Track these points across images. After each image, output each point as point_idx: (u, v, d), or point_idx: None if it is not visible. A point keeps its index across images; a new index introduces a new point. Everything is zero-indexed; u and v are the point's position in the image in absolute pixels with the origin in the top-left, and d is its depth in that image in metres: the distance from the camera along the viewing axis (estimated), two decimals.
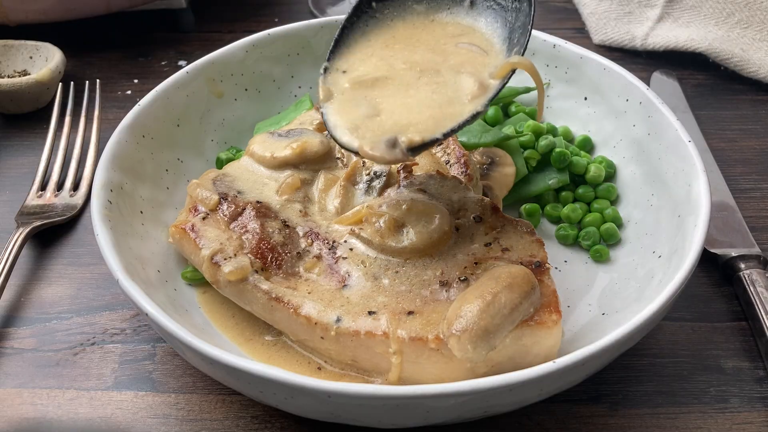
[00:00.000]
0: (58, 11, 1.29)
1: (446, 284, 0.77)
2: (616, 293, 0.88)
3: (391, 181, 0.89)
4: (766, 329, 0.85)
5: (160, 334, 0.78)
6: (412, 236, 0.81)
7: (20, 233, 0.96)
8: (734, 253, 0.94)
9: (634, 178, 0.99)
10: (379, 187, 0.88)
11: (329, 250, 0.82)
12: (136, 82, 1.31)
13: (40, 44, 1.26)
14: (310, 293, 0.78)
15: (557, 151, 0.98)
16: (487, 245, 0.81)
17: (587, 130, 1.06)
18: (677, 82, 1.27)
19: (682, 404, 0.81)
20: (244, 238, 0.83)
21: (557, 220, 0.99)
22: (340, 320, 0.75)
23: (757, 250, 0.94)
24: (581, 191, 1.00)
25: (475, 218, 0.83)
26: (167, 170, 0.99)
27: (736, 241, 0.96)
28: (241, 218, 0.85)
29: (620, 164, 1.01)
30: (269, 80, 1.12)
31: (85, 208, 1.06)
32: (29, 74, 1.22)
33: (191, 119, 1.04)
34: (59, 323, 0.91)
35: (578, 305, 0.88)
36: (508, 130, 1.02)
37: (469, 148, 0.97)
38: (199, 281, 0.89)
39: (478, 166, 0.96)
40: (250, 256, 0.81)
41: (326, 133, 0.96)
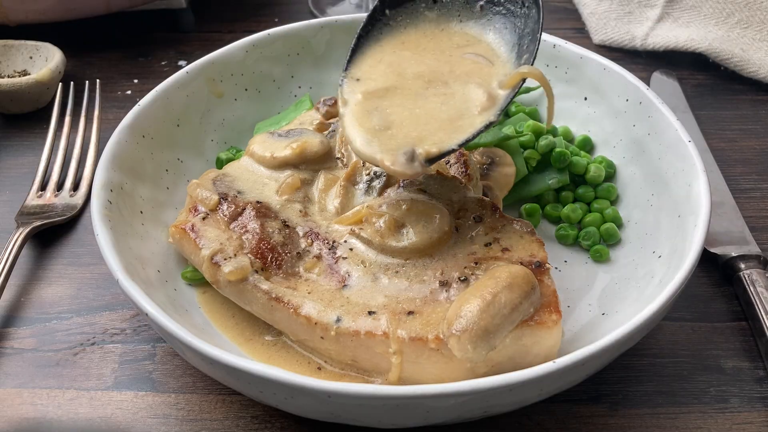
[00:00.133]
0: (58, 11, 1.29)
1: (446, 284, 0.77)
2: (616, 293, 0.88)
3: (391, 181, 0.88)
4: (766, 329, 0.85)
5: (160, 334, 0.78)
6: (412, 236, 0.81)
7: (20, 233, 0.96)
8: (734, 253, 0.94)
9: (634, 178, 0.99)
10: (379, 187, 0.88)
11: (329, 250, 0.82)
12: (136, 82, 1.31)
13: (40, 44, 1.26)
14: (310, 293, 0.78)
15: (557, 151, 0.98)
16: (487, 245, 0.81)
17: (587, 130, 1.06)
18: (677, 82, 1.27)
19: (682, 404, 0.81)
20: (244, 238, 0.83)
21: (557, 220, 0.99)
22: (340, 320, 0.75)
23: (757, 250, 0.94)
24: (581, 191, 1.00)
25: (475, 218, 0.83)
26: (167, 170, 0.99)
27: (736, 241, 0.96)
28: (241, 218, 0.85)
29: (620, 164, 1.01)
30: (269, 80, 1.12)
31: (85, 208, 1.06)
32: (29, 74, 1.22)
33: (191, 119, 1.04)
34: (59, 323, 0.91)
35: (578, 305, 0.88)
36: (508, 130, 1.02)
37: (469, 148, 0.97)
38: (199, 281, 0.89)
39: (478, 166, 0.96)
40: (250, 256, 0.81)
41: (326, 133, 0.97)
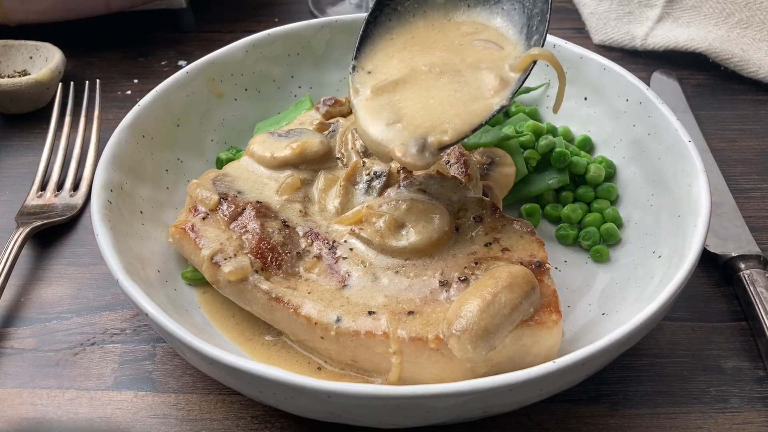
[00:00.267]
0: (58, 11, 1.29)
1: (446, 284, 0.77)
2: (616, 293, 0.88)
3: (391, 181, 0.88)
4: (766, 329, 0.85)
5: (160, 334, 0.78)
6: (412, 236, 0.81)
7: (20, 233, 0.96)
8: (734, 253, 0.94)
9: (634, 178, 0.99)
10: (379, 187, 0.88)
11: (329, 250, 0.82)
12: (136, 82, 1.31)
13: (40, 44, 1.26)
14: (310, 293, 0.78)
15: (557, 151, 0.98)
16: (487, 245, 0.81)
17: (587, 130, 1.06)
18: (677, 82, 1.27)
19: (682, 404, 0.81)
20: (244, 238, 0.83)
21: (557, 220, 0.99)
22: (340, 320, 0.75)
23: (757, 250, 0.94)
24: (581, 191, 1.00)
25: (475, 218, 0.83)
26: (167, 170, 0.99)
27: (736, 241, 0.96)
28: (241, 218, 0.85)
29: (620, 164, 1.01)
30: (269, 80, 1.12)
31: (85, 208, 1.06)
32: (29, 74, 1.22)
33: (191, 119, 1.04)
34: (59, 323, 0.91)
35: (578, 305, 0.88)
36: (508, 130, 1.02)
37: (469, 148, 0.97)
38: (199, 281, 0.89)
39: (478, 166, 0.95)
40: (250, 256, 0.81)
41: (326, 133, 0.97)
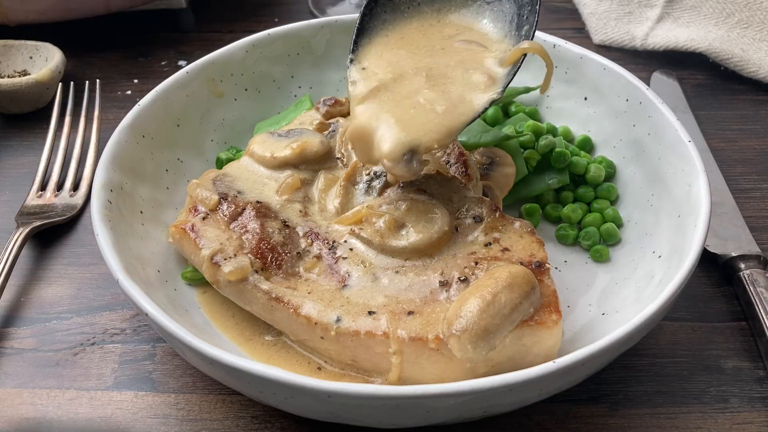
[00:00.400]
0: (58, 11, 1.29)
1: (446, 284, 0.77)
2: (616, 293, 0.88)
3: (391, 181, 0.88)
4: (766, 329, 0.85)
5: (160, 334, 0.78)
6: (412, 236, 0.81)
7: (20, 233, 0.96)
8: (734, 253, 0.94)
9: (634, 178, 0.99)
10: (379, 187, 0.88)
11: (329, 250, 0.82)
12: (136, 82, 1.31)
13: (40, 44, 1.26)
14: (310, 293, 0.78)
15: (557, 151, 0.98)
16: (487, 245, 0.81)
17: (587, 130, 1.06)
18: (677, 82, 1.27)
19: (682, 404, 0.81)
20: (244, 238, 0.83)
21: (557, 220, 0.99)
22: (340, 320, 0.75)
23: (757, 250, 0.94)
24: (581, 191, 1.00)
25: (475, 218, 0.83)
26: (167, 170, 0.99)
27: (736, 241, 0.96)
28: (241, 218, 0.85)
29: (620, 164, 1.01)
30: (269, 80, 1.12)
31: (85, 208, 1.06)
32: (29, 74, 1.22)
33: (191, 119, 1.04)
34: (59, 323, 0.91)
35: (578, 305, 0.88)
36: (508, 130, 1.02)
37: (469, 148, 0.97)
38: (199, 281, 0.89)
39: (478, 166, 0.95)
40: (250, 256, 0.81)
41: (326, 133, 0.97)
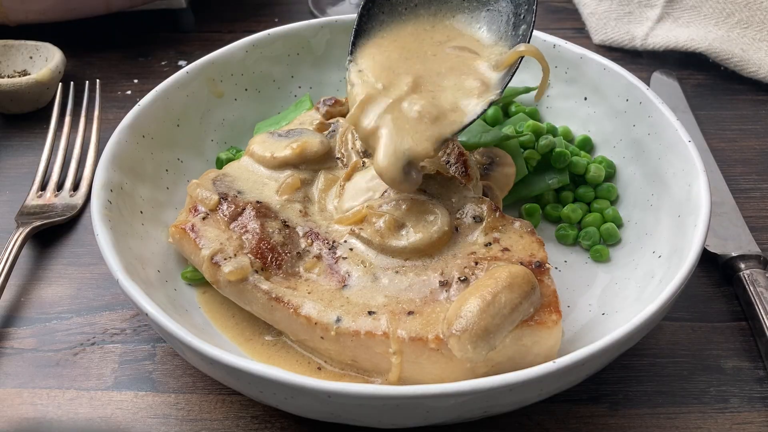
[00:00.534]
0: (58, 11, 1.29)
1: (446, 284, 0.77)
2: (616, 293, 0.88)
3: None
4: (766, 329, 0.85)
5: (160, 334, 0.78)
6: (412, 236, 0.81)
7: (20, 233, 0.96)
8: (734, 253, 0.94)
9: (634, 178, 0.99)
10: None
11: (329, 250, 0.82)
12: (136, 82, 1.31)
13: (40, 44, 1.26)
14: (310, 293, 0.78)
15: (557, 151, 0.98)
16: (487, 245, 0.81)
17: (587, 130, 1.06)
18: (677, 82, 1.27)
19: (682, 404, 0.81)
20: (244, 238, 0.83)
21: (557, 220, 0.99)
22: (340, 320, 0.75)
23: (757, 250, 0.94)
24: (581, 191, 1.00)
25: (475, 218, 0.83)
26: (167, 170, 0.99)
27: (736, 241, 0.96)
28: (241, 218, 0.85)
29: (620, 164, 1.01)
30: (269, 80, 1.12)
31: (85, 208, 1.05)
32: (29, 74, 1.22)
33: (191, 119, 1.04)
34: (59, 323, 0.91)
35: (578, 305, 0.88)
36: (508, 130, 1.02)
37: (469, 148, 0.97)
38: (199, 281, 0.89)
39: (478, 166, 0.95)
40: (250, 256, 0.81)
41: (326, 133, 0.96)
